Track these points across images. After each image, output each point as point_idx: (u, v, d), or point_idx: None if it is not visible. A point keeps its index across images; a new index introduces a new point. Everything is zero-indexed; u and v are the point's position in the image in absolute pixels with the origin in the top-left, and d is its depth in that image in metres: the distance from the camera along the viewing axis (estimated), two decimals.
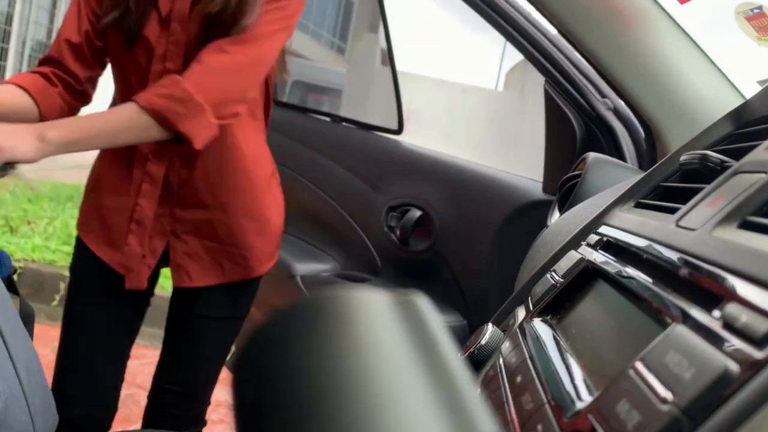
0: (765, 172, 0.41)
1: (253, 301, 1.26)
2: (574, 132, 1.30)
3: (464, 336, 1.40)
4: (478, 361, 0.55)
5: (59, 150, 0.93)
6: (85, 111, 1.11)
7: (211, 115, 0.98)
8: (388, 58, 1.73)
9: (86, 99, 1.12)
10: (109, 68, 1.14)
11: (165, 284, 2.84)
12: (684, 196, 0.50)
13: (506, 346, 0.53)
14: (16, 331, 0.79)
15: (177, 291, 1.22)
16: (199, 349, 1.22)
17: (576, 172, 0.99)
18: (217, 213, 1.12)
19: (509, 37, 1.36)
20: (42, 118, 1.03)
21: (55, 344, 1.46)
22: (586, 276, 0.53)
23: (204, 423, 1.30)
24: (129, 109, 0.96)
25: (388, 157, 1.65)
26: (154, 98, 0.96)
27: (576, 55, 1.31)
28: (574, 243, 0.62)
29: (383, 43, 1.75)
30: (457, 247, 1.52)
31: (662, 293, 0.38)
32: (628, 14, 1.10)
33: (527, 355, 0.47)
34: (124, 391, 1.64)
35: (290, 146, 1.77)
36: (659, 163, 0.66)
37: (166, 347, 1.25)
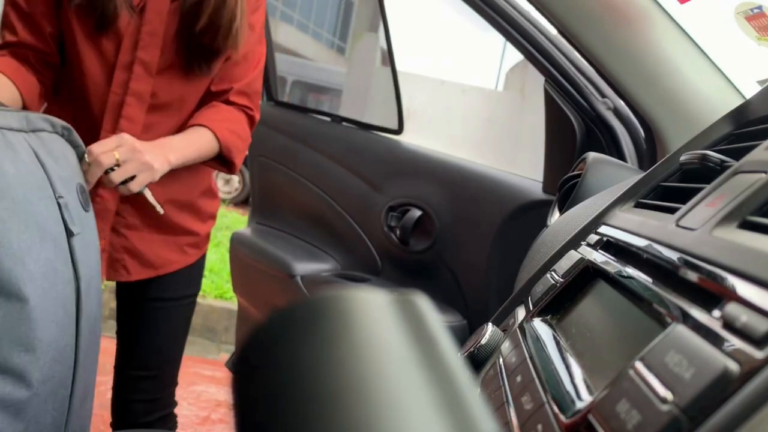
0: (765, 172, 0.41)
1: (202, 273, 1.30)
2: (574, 132, 1.30)
3: (464, 336, 1.40)
4: (478, 361, 0.55)
5: (169, 168, 1.02)
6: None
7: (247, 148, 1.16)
8: (389, 57, 1.73)
9: (57, 68, 1.08)
10: None
11: None
12: (684, 196, 0.50)
13: (506, 346, 0.53)
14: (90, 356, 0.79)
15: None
16: (156, 332, 1.22)
17: (576, 172, 0.99)
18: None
19: (509, 36, 1.36)
20: (23, 99, 1.00)
21: None
22: (586, 276, 0.53)
23: (174, 404, 1.30)
24: (208, 137, 1.08)
25: (388, 157, 1.65)
26: (226, 132, 1.10)
27: (576, 55, 1.31)
28: (574, 243, 0.62)
29: (383, 43, 1.75)
30: (457, 247, 1.52)
31: (662, 293, 0.38)
32: (628, 14, 1.10)
33: (527, 355, 0.47)
34: None
35: (290, 146, 1.78)
36: (659, 163, 0.66)
37: (122, 334, 1.24)
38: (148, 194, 1.01)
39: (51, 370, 0.67)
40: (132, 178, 0.97)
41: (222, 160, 1.13)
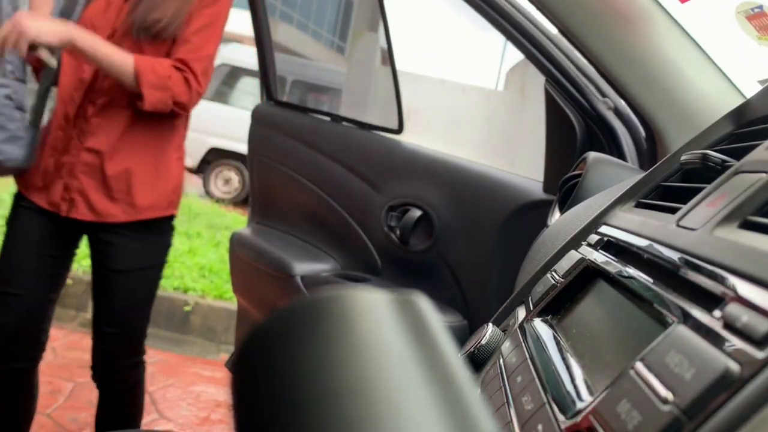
0: (765, 172, 0.41)
1: (167, 248, 1.51)
2: (575, 131, 1.30)
3: (464, 336, 1.40)
4: (478, 361, 0.55)
5: (72, 49, 1.27)
6: None
7: (170, 100, 1.33)
8: (389, 57, 1.73)
9: None
10: None
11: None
12: (684, 196, 0.50)
13: (506, 346, 0.53)
14: None
15: (92, 242, 1.45)
16: (124, 299, 1.43)
17: (576, 172, 0.99)
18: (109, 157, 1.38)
19: (510, 36, 1.36)
20: None
21: (56, 344, 1.47)
22: (587, 276, 0.53)
23: (143, 351, 1.53)
24: (129, 60, 1.30)
25: (389, 157, 1.65)
26: (145, 64, 1.30)
27: (576, 55, 1.31)
28: (574, 243, 0.62)
29: (383, 42, 1.75)
30: (457, 247, 1.52)
31: (663, 293, 0.38)
32: (629, 13, 1.10)
33: (527, 355, 0.47)
34: None
35: (290, 146, 1.77)
36: (660, 162, 0.66)
37: (96, 297, 1.46)
38: (43, 52, 1.27)
39: None
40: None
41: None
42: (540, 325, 0.52)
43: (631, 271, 0.45)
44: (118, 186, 1.37)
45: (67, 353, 2.43)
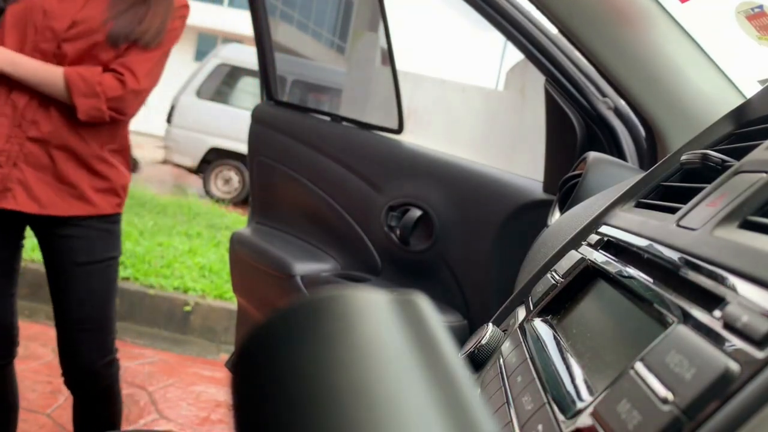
0: (766, 172, 0.41)
1: (119, 240, 1.46)
2: (575, 131, 1.30)
3: (464, 336, 1.40)
4: (478, 361, 0.55)
5: None
6: None
7: (104, 105, 1.31)
8: (389, 57, 1.73)
9: None
10: None
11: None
12: (685, 196, 0.50)
13: (506, 346, 0.53)
14: None
15: (40, 234, 1.40)
16: (81, 292, 1.39)
17: (576, 172, 0.99)
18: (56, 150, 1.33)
19: (510, 36, 1.36)
20: None
21: (55, 344, 1.47)
22: (587, 276, 0.53)
23: (115, 350, 1.47)
24: (58, 74, 1.28)
25: (389, 157, 1.65)
26: (74, 74, 1.28)
27: (576, 54, 1.31)
28: (574, 243, 0.62)
29: (383, 42, 1.75)
30: (457, 247, 1.52)
31: (663, 293, 0.38)
32: (629, 13, 1.10)
33: (527, 355, 0.47)
34: (124, 391, 1.66)
35: (290, 146, 1.77)
36: (660, 162, 0.66)
37: (52, 291, 1.41)
38: None
39: None
40: None
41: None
42: (540, 325, 0.52)
43: (631, 271, 0.45)
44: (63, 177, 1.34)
45: None
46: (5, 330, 1.41)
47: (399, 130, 1.70)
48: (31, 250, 3.14)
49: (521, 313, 0.60)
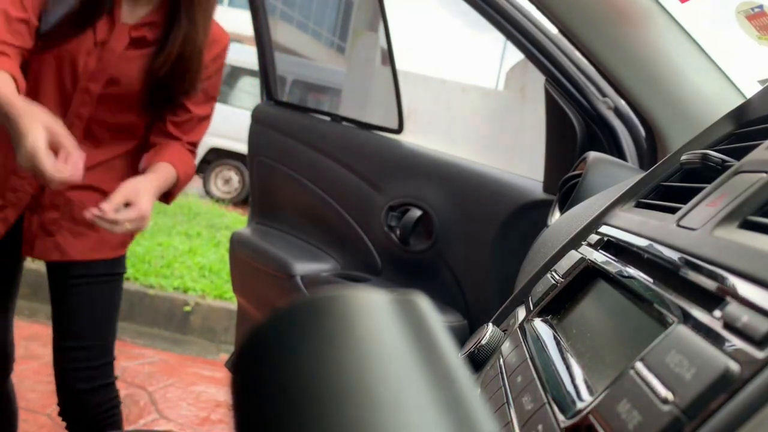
0: (766, 172, 0.41)
1: (125, 255, 1.41)
2: (575, 131, 1.30)
3: (464, 336, 1.40)
4: (478, 361, 0.55)
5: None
6: None
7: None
8: (389, 56, 1.73)
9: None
10: None
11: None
12: (685, 196, 0.50)
13: (506, 346, 0.53)
14: None
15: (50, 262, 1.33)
16: (85, 310, 1.32)
17: (576, 172, 0.99)
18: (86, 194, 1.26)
19: (510, 36, 1.36)
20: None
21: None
22: (587, 276, 0.53)
23: (114, 376, 1.38)
24: (173, 176, 1.24)
25: (389, 157, 1.65)
26: (183, 175, 1.27)
27: (576, 54, 1.31)
28: (574, 243, 0.62)
29: (383, 42, 1.75)
30: (457, 247, 1.52)
31: (663, 293, 0.38)
32: (629, 13, 1.10)
33: (527, 355, 0.47)
34: (123, 391, 1.66)
35: (290, 146, 1.77)
36: (660, 162, 0.66)
37: (55, 309, 1.34)
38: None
39: None
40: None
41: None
42: (540, 325, 0.52)
43: (631, 271, 0.45)
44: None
45: None
46: (1, 349, 1.36)
47: (399, 130, 1.70)
48: None
49: (521, 313, 0.60)
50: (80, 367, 1.32)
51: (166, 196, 1.28)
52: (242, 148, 6.20)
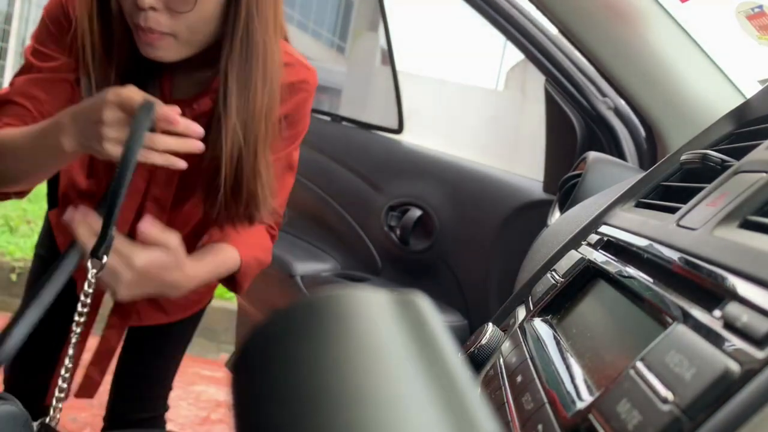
0: (766, 172, 0.41)
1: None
2: (575, 131, 1.30)
3: (464, 336, 1.40)
4: (478, 361, 0.55)
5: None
6: None
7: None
8: (389, 56, 1.73)
9: None
10: None
11: None
12: (685, 196, 0.50)
13: (506, 345, 0.53)
14: None
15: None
16: (159, 350, 1.24)
17: (576, 172, 0.99)
18: None
19: (510, 36, 1.36)
20: None
21: None
22: (587, 276, 0.53)
23: (166, 407, 1.31)
24: (232, 263, 0.98)
25: (389, 157, 1.65)
26: (252, 260, 1.02)
27: (576, 55, 1.31)
28: (574, 242, 0.62)
29: (383, 42, 1.75)
30: (457, 247, 1.52)
31: (663, 293, 0.38)
32: (629, 13, 1.10)
33: (527, 355, 0.47)
34: None
35: None
36: (660, 162, 0.66)
37: (126, 350, 1.23)
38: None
39: None
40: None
41: (230, 279, 1.03)
42: (540, 325, 0.52)
43: (631, 270, 0.45)
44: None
45: None
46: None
47: (399, 130, 1.70)
48: (30, 250, 3.14)
49: (521, 313, 0.60)
50: (137, 396, 1.26)
51: (232, 283, 1.03)
52: None
